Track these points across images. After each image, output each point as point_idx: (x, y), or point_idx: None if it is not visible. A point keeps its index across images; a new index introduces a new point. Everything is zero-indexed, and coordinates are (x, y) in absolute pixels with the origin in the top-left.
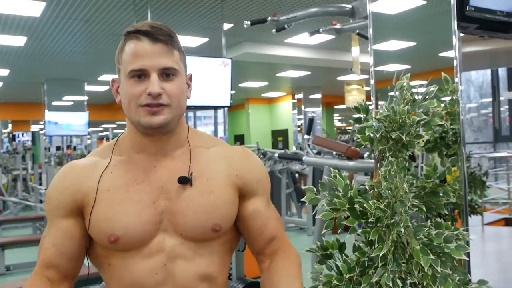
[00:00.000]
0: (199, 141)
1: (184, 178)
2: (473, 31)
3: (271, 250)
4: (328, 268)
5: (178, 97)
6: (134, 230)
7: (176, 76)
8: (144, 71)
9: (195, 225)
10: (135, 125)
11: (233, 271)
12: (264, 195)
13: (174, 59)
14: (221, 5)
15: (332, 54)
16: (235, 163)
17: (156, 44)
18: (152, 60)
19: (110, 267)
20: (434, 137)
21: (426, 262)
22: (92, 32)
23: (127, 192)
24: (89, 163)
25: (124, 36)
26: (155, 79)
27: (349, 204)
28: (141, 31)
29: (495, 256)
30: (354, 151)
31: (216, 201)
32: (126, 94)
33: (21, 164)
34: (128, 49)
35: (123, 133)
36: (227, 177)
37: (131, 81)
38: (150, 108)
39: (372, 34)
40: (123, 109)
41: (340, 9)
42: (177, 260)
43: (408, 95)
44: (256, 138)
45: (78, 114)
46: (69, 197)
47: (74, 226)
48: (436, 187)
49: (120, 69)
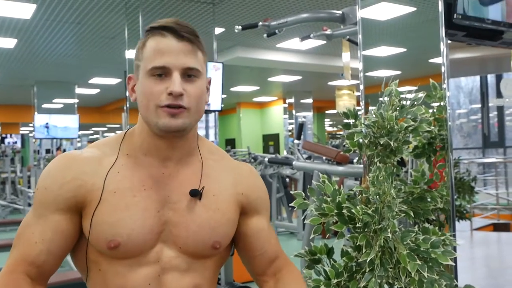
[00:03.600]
0: (207, 151)
1: (196, 191)
2: (461, 38)
3: (274, 269)
4: (316, 273)
5: (198, 100)
6: (137, 238)
7: (198, 78)
8: (166, 69)
9: (197, 240)
10: (151, 126)
11: (222, 276)
12: (266, 215)
13: (198, 60)
14: (212, 9)
15: (323, 59)
16: (242, 181)
17: (181, 41)
18: (176, 58)
19: (99, 273)
20: (422, 143)
21: (413, 267)
22: (83, 35)
23: (133, 197)
24: (93, 156)
25: (146, 32)
26: (177, 78)
27: (338, 209)
28: (166, 27)
29: (483, 261)
30: (344, 156)
31: (221, 219)
32: (145, 93)
33: (10, 167)
34: (150, 45)
35: (130, 128)
36: (232, 195)
37: (151, 79)
38: (169, 110)
39: (361, 40)
40: (139, 108)
41: (330, 15)
42: (171, 272)
43: (397, 101)
44: (247, 142)
45: (69, 117)
46: (69, 192)
47: (66, 222)
48: (424, 193)
49: (140, 66)
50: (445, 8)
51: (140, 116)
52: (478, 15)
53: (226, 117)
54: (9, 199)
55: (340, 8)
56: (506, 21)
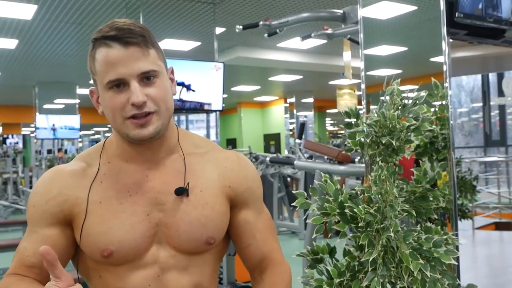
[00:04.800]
0: (191, 145)
1: (181, 189)
2: (462, 37)
3: (260, 268)
4: (318, 273)
5: (164, 100)
6: (129, 245)
7: (157, 78)
8: (122, 80)
9: (189, 238)
10: (123, 137)
11: (224, 276)
12: (256, 204)
13: (151, 60)
14: (213, 9)
15: (324, 58)
16: (229, 173)
17: (128, 48)
18: (128, 67)
19: (100, 279)
20: (424, 142)
21: (415, 267)
22: (84, 35)
23: (120, 204)
24: (77, 169)
25: (91, 42)
26: (136, 87)
27: (340, 208)
28: (109, 36)
29: (485, 261)
30: (345, 155)
31: (210, 214)
32: (108, 107)
33: (12, 168)
34: (100, 58)
35: (109, 137)
36: (220, 187)
37: (110, 92)
38: (137, 121)
39: (363, 39)
40: (108, 120)
41: (331, 14)
42: (170, 271)
43: (398, 100)
44: (248, 142)
45: (70, 117)
46: (56, 207)
47: (58, 236)
48: (426, 192)
49: (96, 80)
50: (446, 7)
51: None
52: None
53: (227, 116)
54: (11, 199)
55: (341, 7)
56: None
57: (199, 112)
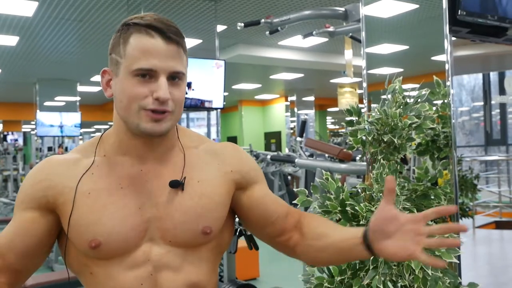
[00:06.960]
0: (188, 140)
1: (176, 182)
2: (465, 35)
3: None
4: (319, 271)
5: (181, 103)
6: (118, 236)
7: (182, 81)
8: (153, 72)
9: (185, 228)
10: (130, 126)
11: (224, 273)
12: (264, 182)
13: (183, 63)
14: (214, 6)
15: (325, 56)
16: (227, 159)
17: (169, 44)
18: (164, 62)
19: (92, 276)
20: (426, 140)
21: (416, 265)
22: (84, 32)
23: (110, 196)
24: (68, 159)
25: (126, 26)
26: (164, 83)
27: (341, 206)
28: (153, 26)
29: (486, 259)
30: (346, 153)
31: (208, 204)
32: (127, 93)
33: (12, 165)
34: (135, 43)
35: (107, 129)
36: (221, 176)
37: (134, 79)
38: (155, 115)
39: (365, 37)
40: (117, 106)
41: (333, 12)
42: (164, 270)
43: (400, 98)
44: (249, 140)
45: (70, 114)
46: (39, 192)
47: (35, 222)
48: (428, 190)
49: (120, 63)
50: (449, 5)
51: (117, 115)
52: (483, 11)
53: (228, 115)
54: (11, 196)
55: (342, 5)
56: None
57: (200, 109)
